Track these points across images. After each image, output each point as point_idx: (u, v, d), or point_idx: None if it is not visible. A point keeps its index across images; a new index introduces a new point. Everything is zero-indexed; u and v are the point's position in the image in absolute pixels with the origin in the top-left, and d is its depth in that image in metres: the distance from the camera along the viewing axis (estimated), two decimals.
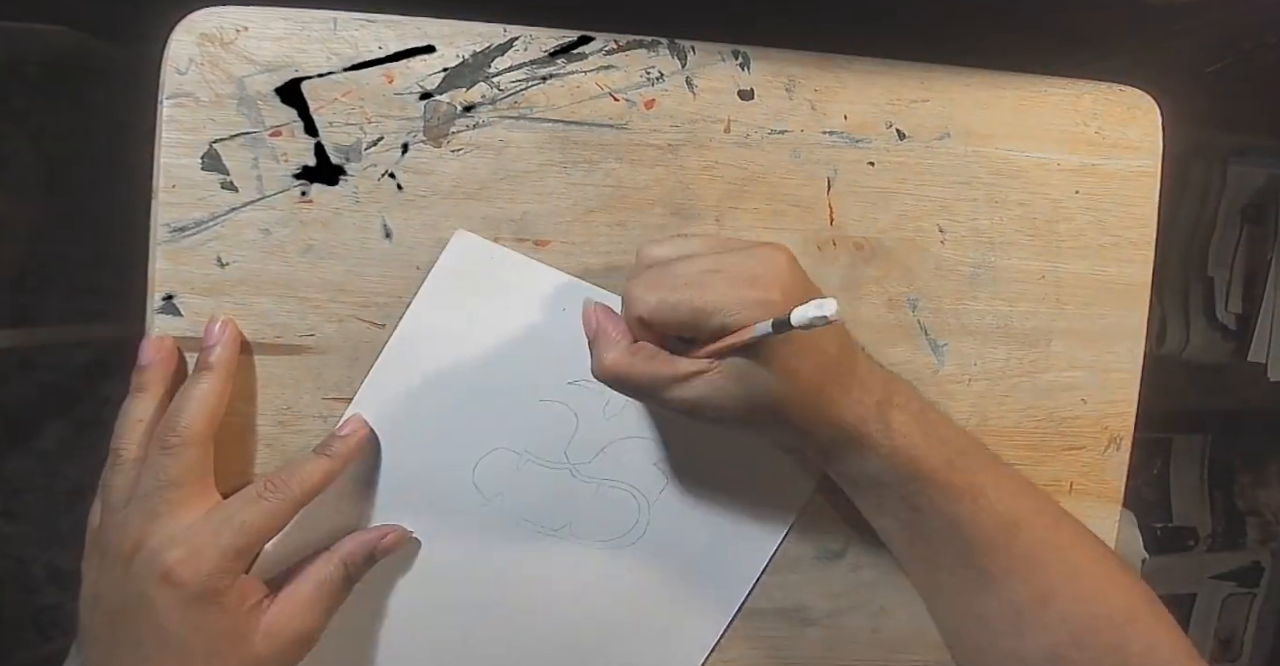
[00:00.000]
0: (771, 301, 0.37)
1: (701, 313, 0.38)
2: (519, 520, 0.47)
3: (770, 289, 0.38)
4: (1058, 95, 0.51)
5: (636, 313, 0.39)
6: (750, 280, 0.38)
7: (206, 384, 0.41)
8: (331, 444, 0.43)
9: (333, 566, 0.43)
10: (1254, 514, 1.10)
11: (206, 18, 0.43)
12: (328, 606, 0.42)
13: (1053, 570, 0.42)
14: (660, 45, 0.47)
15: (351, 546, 0.44)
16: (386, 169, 0.45)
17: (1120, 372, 0.53)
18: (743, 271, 0.39)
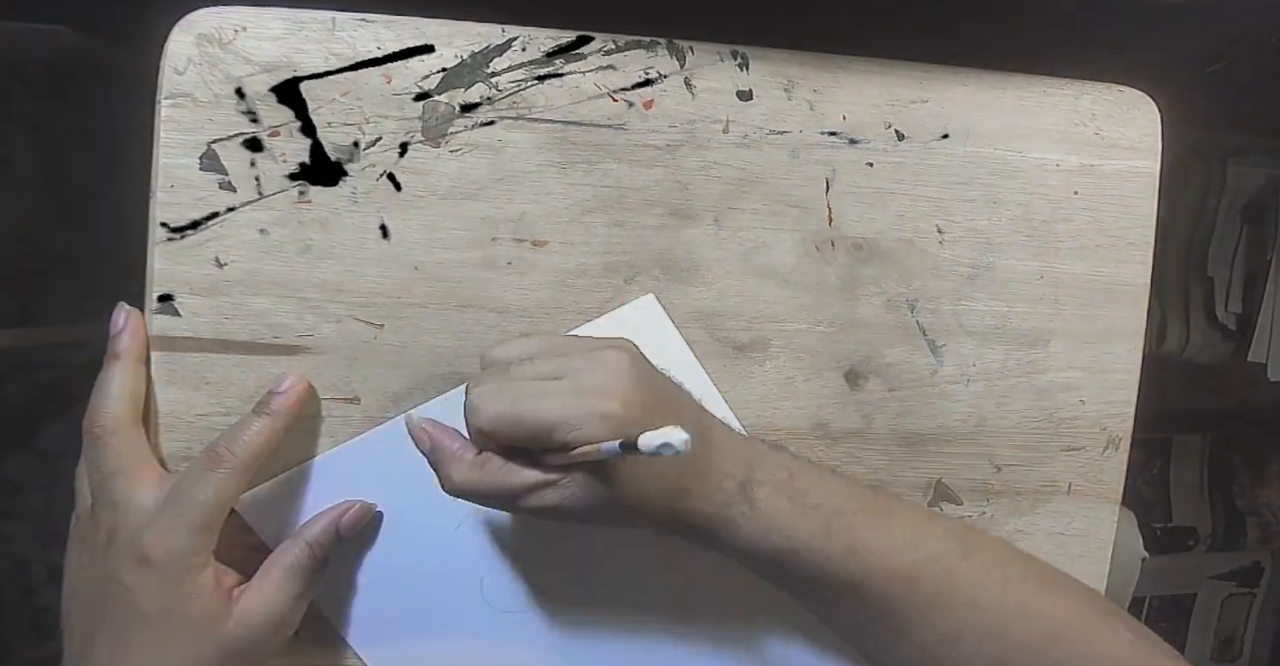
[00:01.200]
0: (611, 414, 0.37)
1: (542, 428, 0.37)
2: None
3: (610, 399, 0.37)
4: (1057, 95, 0.51)
5: (477, 425, 0.38)
6: (590, 391, 0.37)
7: (119, 370, 0.42)
8: (270, 401, 0.43)
9: (298, 549, 0.42)
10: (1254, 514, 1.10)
11: (205, 18, 0.43)
12: (297, 590, 0.42)
13: (957, 612, 0.41)
14: (659, 46, 0.47)
15: (314, 527, 0.43)
16: (385, 169, 0.45)
17: (1119, 373, 0.53)
18: (583, 380, 0.38)
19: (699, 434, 0.40)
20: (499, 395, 0.38)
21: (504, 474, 0.39)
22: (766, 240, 0.49)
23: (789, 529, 0.40)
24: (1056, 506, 0.53)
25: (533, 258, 0.46)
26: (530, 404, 0.37)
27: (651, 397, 0.39)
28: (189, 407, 0.44)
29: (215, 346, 0.44)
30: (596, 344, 0.41)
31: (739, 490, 0.40)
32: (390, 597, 0.46)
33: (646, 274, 0.48)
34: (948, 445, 0.51)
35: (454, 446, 0.40)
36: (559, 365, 0.39)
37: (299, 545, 0.43)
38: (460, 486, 0.40)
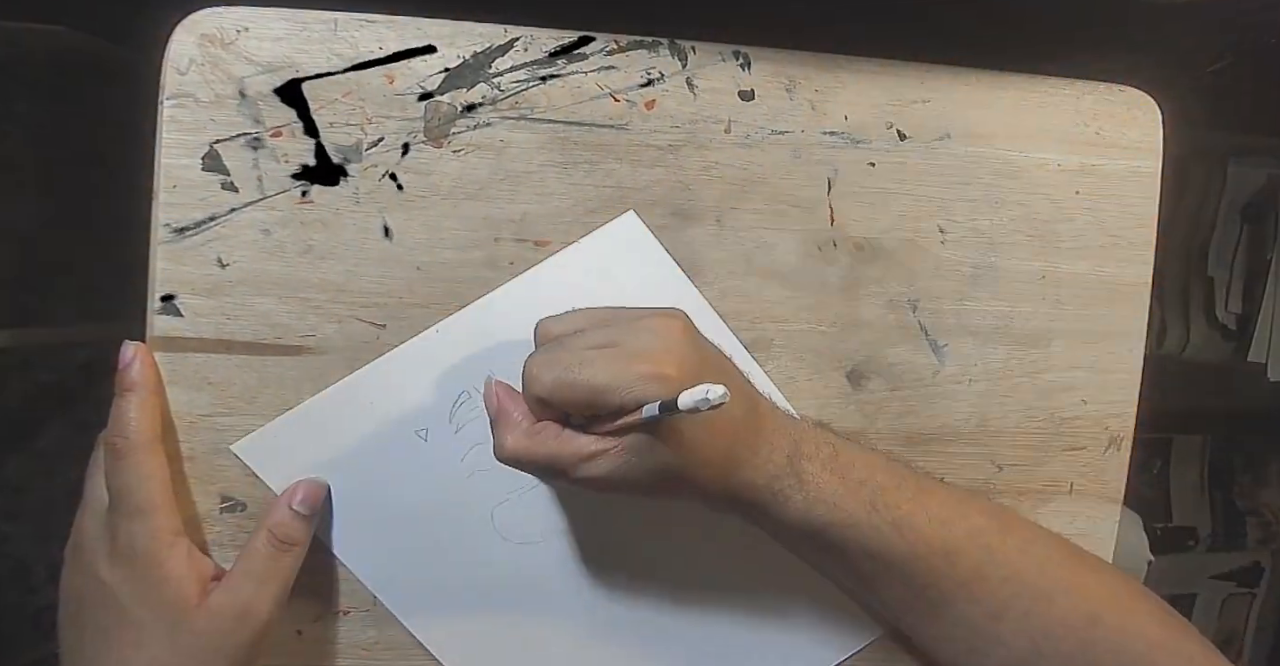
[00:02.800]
0: (666, 377, 0.37)
1: (598, 392, 0.37)
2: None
3: (665, 363, 0.38)
4: (1058, 95, 0.51)
5: (534, 392, 0.39)
6: (644, 356, 0.38)
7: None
8: (123, 380, 0.42)
9: (259, 537, 0.42)
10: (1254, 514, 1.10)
11: (207, 18, 0.43)
12: (263, 577, 0.42)
13: (1000, 587, 0.42)
14: (661, 46, 0.47)
15: (272, 513, 0.43)
16: (387, 169, 0.45)
17: (1120, 373, 0.53)
18: (636, 346, 0.38)
19: (748, 405, 0.41)
20: (554, 363, 0.39)
21: (559, 442, 0.39)
22: (768, 240, 0.49)
23: (835, 503, 0.41)
24: (1058, 506, 0.53)
25: (534, 258, 0.46)
26: (584, 370, 0.38)
27: (700, 363, 0.39)
28: (191, 408, 0.44)
29: (217, 347, 0.44)
30: (646, 313, 0.41)
31: (787, 463, 0.41)
32: (401, 534, 0.46)
33: None
34: (950, 445, 0.51)
35: (515, 413, 0.41)
36: (610, 334, 0.39)
37: (260, 533, 0.42)
38: (511, 451, 0.40)
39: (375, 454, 0.45)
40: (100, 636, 0.40)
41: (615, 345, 0.39)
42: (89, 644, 0.41)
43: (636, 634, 0.49)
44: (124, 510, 0.40)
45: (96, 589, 0.40)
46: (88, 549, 0.41)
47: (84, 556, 0.41)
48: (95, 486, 0.41)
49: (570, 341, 0.40)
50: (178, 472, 0.43)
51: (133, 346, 0.43)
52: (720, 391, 0.34)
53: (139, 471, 0.40)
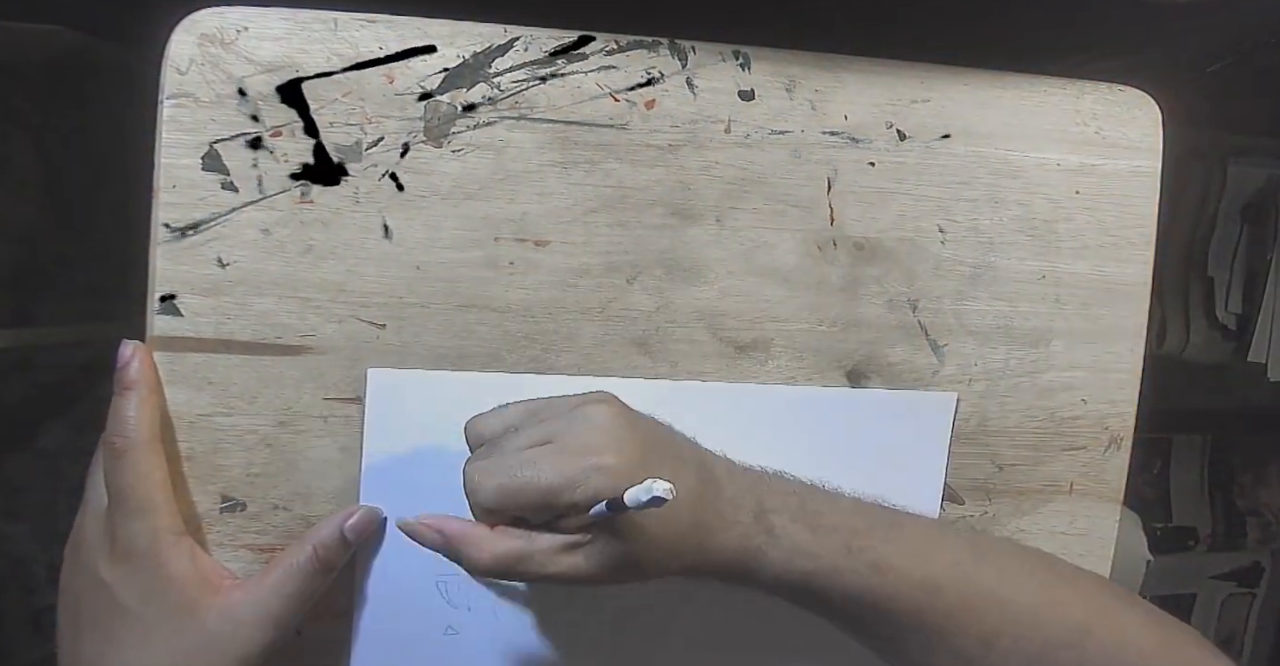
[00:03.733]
0: (610, 468, 0.37)
1: (547, 493, 0.37)
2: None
3: (606, 453, 0.37)
4: (1058, 95, 0.51)
5: (479, 503, 0.39)
6: (585, 448, 0.38)
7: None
8: (123, 379, 0.42)
9: (303, 552, 0.42)
10: (1254, 514, 1.10)
11: (207, 18, 0.43)
12: (296, 591, 0.42)
13: (986, 614, 0.42)
14: (661, 45, 0.47)
15: (321, 530, 0.43)
16: (387, 169, 0.45)
17: (1120, 373, 0.53)
18: (575, 440, 0.38)
19: (703, 472, 0.41)
20: (495, 470, 0.38)
21: (526, 540, 0.39)
22: (768, 240, 0.49)
23: (811, 552, 0.41)
24: (1058, 506, 0.53)
25: (534, 257, 0.46)
26: (527, 471, 0.37)
27: (645, 444, 0.39)
28: (191, 408, 0.44)
29: (217, 346, 0.44)
30: (576, 401, 0.41)
31: (754, 521, 0.40)
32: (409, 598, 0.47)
33: (648, 273, 0.48)
34: (949, 445, 0.51)
35: (462, 527, 0.40)
36: (545, 430, 0.39)
37: (305, 547, 0.42)
38: (490, 563, 0.39)
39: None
40: (101, 636, 0.40)
41: (553, 439, 0.38)
42: (88, 644, 0.40)
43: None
44: (124, 510, 0.40)
45: (97, 589, 0.40)
46: (87, 549, 0.41)
47: (84, 556, 0.41)
48: (95, 486, 0.41)
49: (506, 442, 0.40)
50: (177, 472, 0.43)
51: (131, 345, 0.42)
52: (664, 486, 0.34)
53: (138, 470, 0.40)
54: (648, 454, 0.39)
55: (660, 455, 0.39)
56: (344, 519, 0.44)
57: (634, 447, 0.38)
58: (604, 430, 0.38)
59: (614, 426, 0.39)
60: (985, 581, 0.42)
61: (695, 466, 0.41)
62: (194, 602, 0.40)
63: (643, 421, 0.41)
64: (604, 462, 0.37)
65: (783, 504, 0.41)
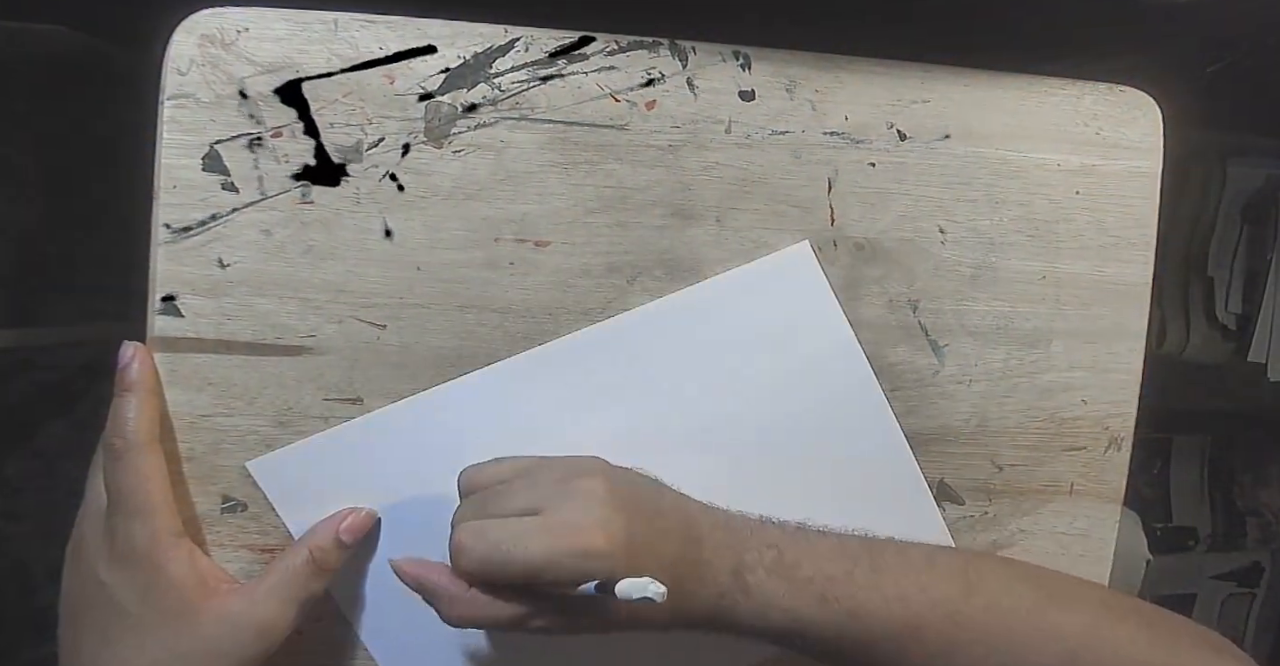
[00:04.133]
0: (596, 551, 0.37)
1: (530, 571, 0.38)
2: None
3: (593, 535, 0.38)
4: (1058, 95, 0.52)
5: (464, 568, 0.39)
6: (573, 528, 0.38)
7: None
8: (123, 380, 0.42)
9: (299, 555, 0.42)
10: (1254, 514, 1.10)
11: (207, 18, 0.43)
12: (292, 596, 0.42)
13: (970, 650, 0.42)
14: (661, 46, 0.47)
15: (317, 533, 0.43)
16: (387, 170, 0.45)
17: (1120, 373, 0.53)
18: (564, 518, 0.38)
19: (687, 535, 0.41)
20: (481, 536, 0.38)
21: (495, 608, 0.39)
22: (769, 240, 0.49)
23: (785, 606, 0.41)
24: (1059, 506, 0.53)
25: (535, 258, 0.46)
26: (514, 547, 0.38)
27: (634, 521, 0.39)
28: (192, 408, 0.44)
29: (218, 347, 0.44)
30: (569, 471, 0.41)
31: (731, 579, 0.41)
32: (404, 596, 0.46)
33: (649, 274, 0.48)
34: (950, 445, 0.51)
35: (443, 581, 0.40)
36: (535, 498, 0.39)
37: (302, 551, 0.43)
38: (458, 621, 0.40)
39: (395, 493, 0.45)
40: (99, 637, 0.40)
41: (541, 512, 0.39)
42: (87, 645, 0.40)
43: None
44: (123, 511, 0.40)
45: (96, 590, 0.40)
46: (87, 550, 0.41)
47: (83, 557, 0.41)
48: (95, 487, 0.41)
49: (494, 505, 0.40)
50: (177, 473, 0.43)
51: (131, 346, 0.42)
52: (659, 591, 0.35)
53: (137, 472, 0.40)
54: (634, 532, 0.39)
55: (647, 530, 0.40)
56: (339, 521, 0.44)
57: (621, 528, 0.38)
58: (594, 509, 0.39)
59: (604, 504, 0.39)
60: (971, 619, 0.42)
61: (679, 531, 0.41)
62: (191, 606, 0.40)
63: (631, 492, 0.41)
64: (593, 547, 0.37)
65: (758, 559, 0.41)
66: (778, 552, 0.42)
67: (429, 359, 0.46)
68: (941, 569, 0.44)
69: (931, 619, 0.42)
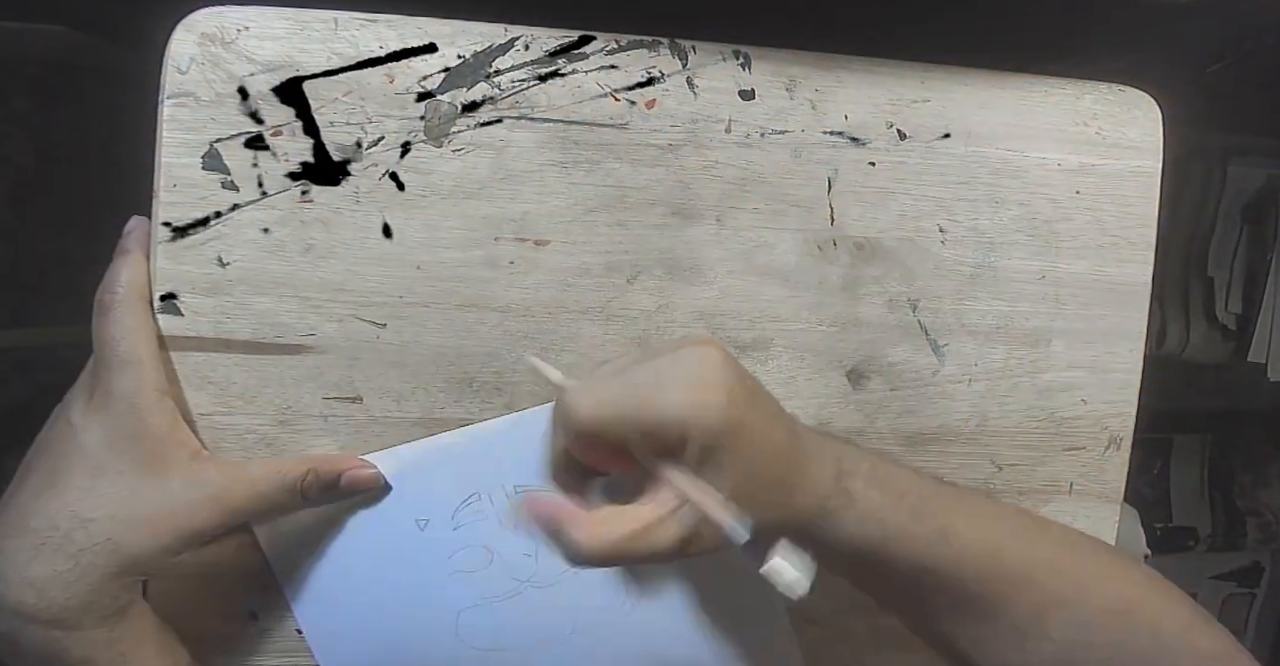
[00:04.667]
0: (720, 405, 0.36)
1: (652, 421, 0.36)
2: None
3: (717, 390, 0.37)
4: (1058, 95, 0.52)
5: (577, 425, 0.37)
6: (694, 382, 0.37)
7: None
8: (124, 243, 0.43)
9: (294, 468, 0.42)
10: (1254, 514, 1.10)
11: (207, 17, 0.43)
12: (263, 494, 0.41)
13: (1043, 584, 0.42)
14: (661, 45, 0.47)
15: (324, 460, 0.43)
16: (387, 168, 0.45)
17: (1120, 373, 0.53)
18: (685, 373, 0.37)
19: (790, 430, 0.40)
20: (596, 390, 0.38)
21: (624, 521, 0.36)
22: (769, 240, 0.49)
23: (883, 518, 0.41)
24: (1058, 506, 0.53)
25: (535, 257, 0.46)
26: (637, 395, 0.37)
27: (749, 393, 0.39)
28: (192, 407, 0.44)
29: (217, 346, 0.44)
30: (681, 341, 0.40)
31: (834, 481, 0.40)
32: (365, 614, 0.46)
33: (648, 273, 0.48)
34: (949, 445, 0.51)
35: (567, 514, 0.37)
36: (651, 362, 0.38)
37: (301, 465, 0.42)
38: (594, 552, 0.36)
39: (369, 530, 0.46)
40: (47, 477, 0.39)
41: (663, 371, 0.38)
42: (31, 483, 0.39)
43: None
44: (108, 362, 0.39)
45: (62, 430, 0.39)
46: (66, 402, 0.40)
47: (61, 409, 0.40)
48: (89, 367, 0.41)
49: (608, 371, 0.39)
50: None
51: (136, 219, 0.43)
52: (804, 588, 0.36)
53: (124, 323, 0.40)
54: (752, 402, 0.38)
55: (761, 408, 0.39)
56: (350, 466, 0.44)
57: (741, 394, 0.38)
58: (714, 368, 0.38)
59: (723, 367, 0.38)
60: (1046, 551, 0.43)
61: (783, 421, 0.40)
62: (164, 461, 0.39)
63: (743, 370, 0.40)
64: (718, 400, 0.36)
65: (856, 467, 0.41)
66: (871, 464, 0.42)
67: (429, 358, 0.46)
68: (1012, 507, 0.45)
69: (1009, 546, 0.42)
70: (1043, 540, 0.43)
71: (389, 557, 0.46)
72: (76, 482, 0.38)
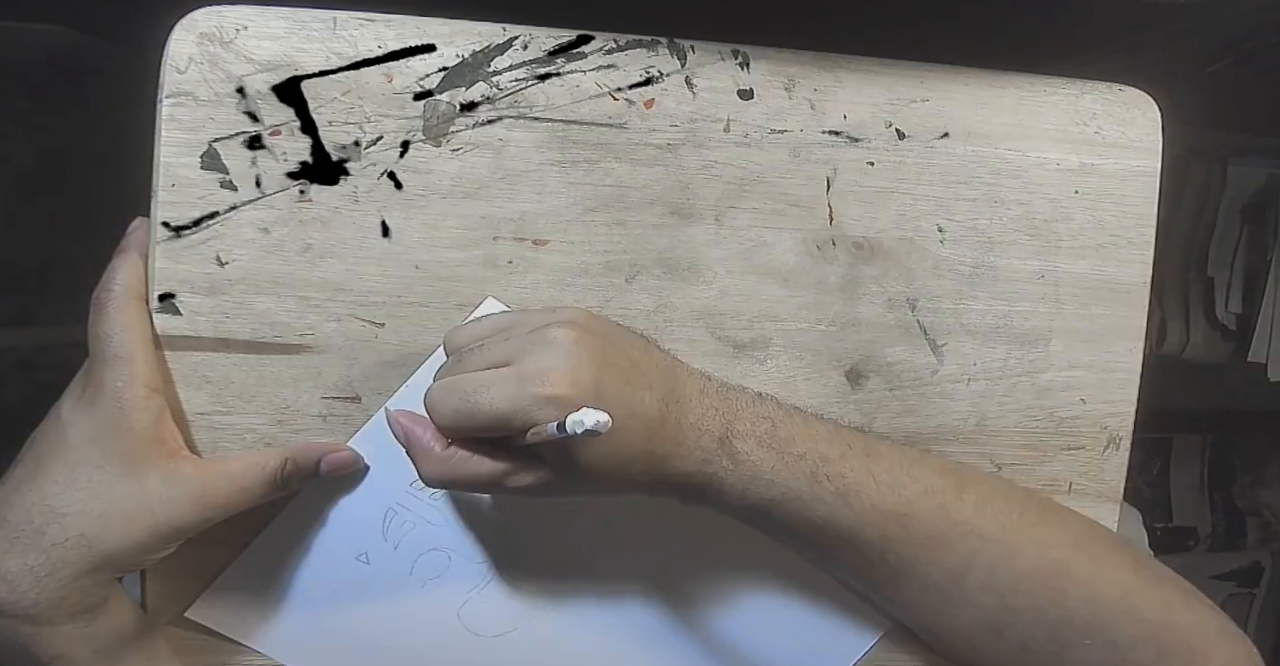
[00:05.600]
0: (560, 398, 0.37)
1: (496, 420, 0.37)
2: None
3: (559, 383, 0.37)
4: (1058, 95, 0.51)
5: (438, 422, 0.39)
6: (539, 376, 0.37)
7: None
8: (125, 243, 0.43)
9: (272, 459, 0.41)
10: (1254, 514, 1.10)
11: (206, 17, 0.43)
12: (244, 488, 0.41)
13: (959, 546, 0.41)
14: (660, 45, 0.47)
15: (301, 449, 0.43)
16: (386, 168, 0.45)
17: (1120, 372, 0.53)
18: (531, 366, 0.38)
19: (667, 396, 0.40)
20: (451, 390, 0.39)
21: (473, 464, 0.39)
22: (767, 239, 0.49)
23: (774, 479, 0.40)
24: None
25: (533, 256, 0.46)
26: (480, 397, 0.38)
27: (606, 370, 0.38)
28: (190, 406, 0.44)
29: (216, 345, 0.44)
30: (543, 319, 0.40)
31: (718, 446, 0.40)
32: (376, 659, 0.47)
33: (647, 273, 0.48)
34: (948, 444, 0.51)
35: (426, 438, 0.40)
36: (506, 349, 0.39)
37: (278, 455, 0.42)
38: (434, 479, 0.40)
39: (326, 588, 0.46)
40: (30, 470, 0.39)
41: (511, 362, 0.38)
42: (14, 479, 0.39)
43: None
44: (102, 357, 0.39)
45: (51, 425, 0.39)
46: (62, 397, 0.40)
47: (56, 405, 0.40)
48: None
49: (468, 359, 0.40)
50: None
51: (138, 220, 0.43)
52: (598, 419, 0.34)
53: (119, 320, 0.40)
54: (605, 381, 0.38)
55: (620, 381, 0.39)
56: (327, 450, 0.43)
57: (590, 377, 0.38)
58: (564, 356, 0.38)
59: (573, 353, 0.38)
60: (961, 513, 0.42)
61: (660, 391, 0.40)
62: (143, 457, 0.39)
63: (605, 343, 0.40)
64: (556, 393, 0.37)
65: (752, 428, 0.41)
66: (771, 425, 0.41)
67: (427, 357, 0.46)
68: (934, 464, 0.44)
69: (921, 508, 0.41)
70: (963, 500, 0.42)
71: (362, 601, 0.46)
72: (55, 477, 0.38)
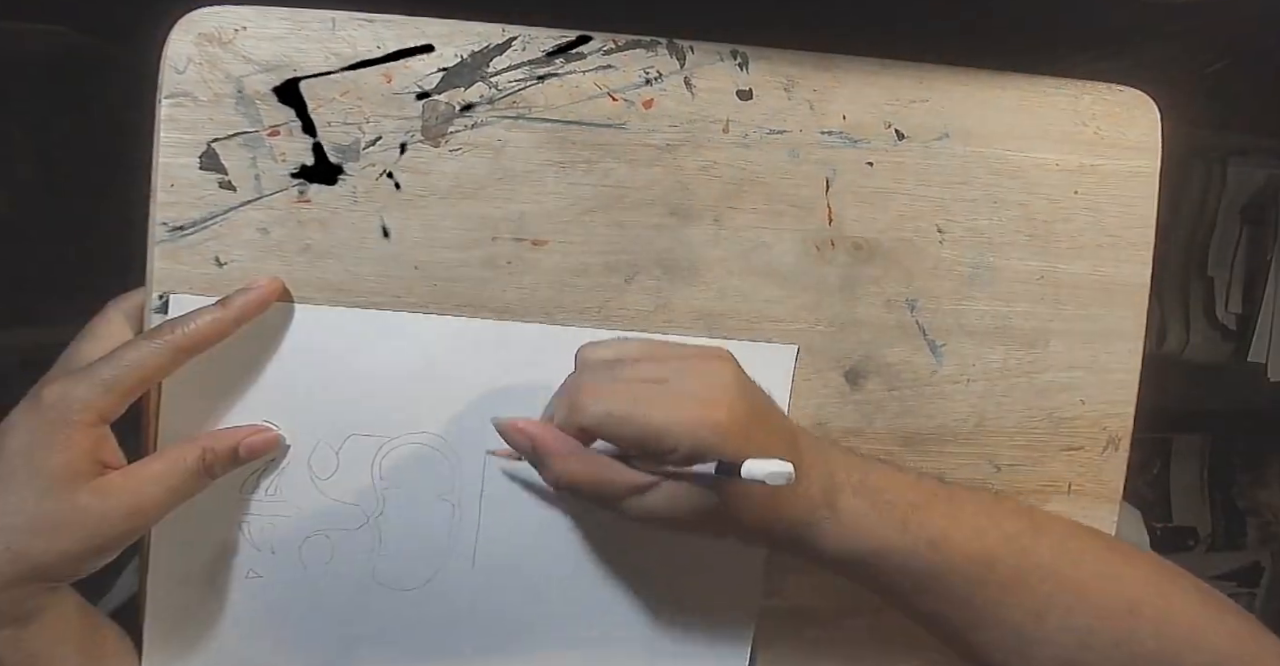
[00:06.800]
0: (718, 423, 0.37)
1: (650, 432, 0.37)
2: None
3: (717, 408, 0.38)
4: (1057, 95, 0.51)
5: (579, 422, 0.39)
6: (698, 399, 0.38)
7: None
8: (234, 297, 0.42)
9: (190, 452, 0.41)
10: (1254, 514, 1.10)
11: (205, 17, 0.43)
12: (172, 487, 0.40)
13: (1040, 587, 0.42)
14: (659, 45, 0.47)
15: (216, 436, 0.43)
16: (385, 168, 0.45)
17: (1119, 373, 0.53)
18: (689, 388, 0.38)
19: (789, 442, 0.41)
20: (608, 395, 0.38)
21: (614, 471, 0.39)
22: (766, 240, 0.49)
23: (870, 529, 0.41)
24: (1057, 506, 0.53)
25: (532, 257, 0.46)
26: (640, 407, 0.38)
27: (752, 410, 0.39)
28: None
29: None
30: (695, 352, 0.41)
31: (822, 496, 0.41)
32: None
33: (647, 273, 0.48)
34: (948, 445, 0.51)
35: (564, 439, 0.40)
36: (662, 370, 0.39)
37: (194, 447, 0.41)
38: (571, 480, 0.40)
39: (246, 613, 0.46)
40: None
41: (667, 382, 0.39)
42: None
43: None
44: (67, 367, 0.40)
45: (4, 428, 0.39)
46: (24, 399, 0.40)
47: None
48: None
49: (620, 371, 0.40)
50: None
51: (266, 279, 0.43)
52: (787, 471, 0.34)
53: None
54: (753, 419, 0.39)
55: (762, 424, 0.39)
56: (244, 435, 0.43)
57: (744, 410, 0.38)
58: (722, 385, 0.39)
59: (731, 384, 0.39)
60: (1040, 556, 0.43)
61: (784, 435, 0.41)
62: (76, 474, 0.38)
63: (753, 387, 0.41)
64: (716, 418, 0.37)
65: (848, 478, 0.41)
66: (862, 475, 0.42)
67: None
68: (1010, 507, 0.45)
69: (1004, 553, 0.42)
70: (1040, 543, 0.43)
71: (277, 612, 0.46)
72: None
